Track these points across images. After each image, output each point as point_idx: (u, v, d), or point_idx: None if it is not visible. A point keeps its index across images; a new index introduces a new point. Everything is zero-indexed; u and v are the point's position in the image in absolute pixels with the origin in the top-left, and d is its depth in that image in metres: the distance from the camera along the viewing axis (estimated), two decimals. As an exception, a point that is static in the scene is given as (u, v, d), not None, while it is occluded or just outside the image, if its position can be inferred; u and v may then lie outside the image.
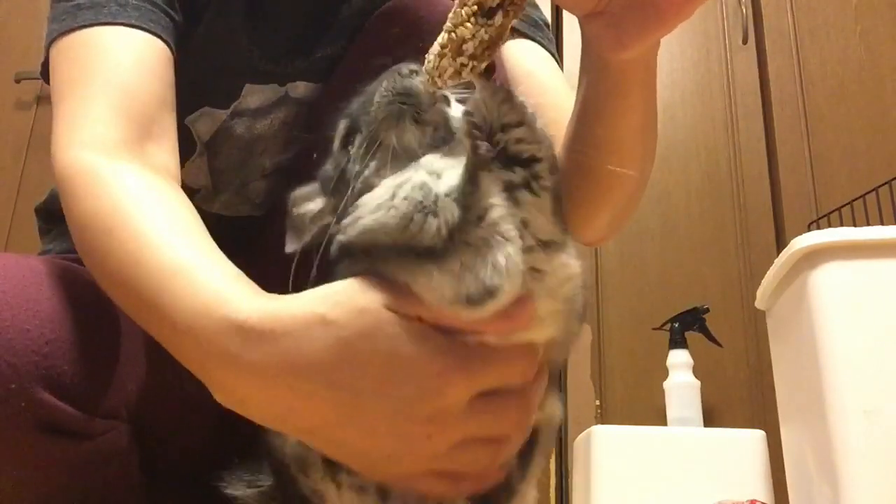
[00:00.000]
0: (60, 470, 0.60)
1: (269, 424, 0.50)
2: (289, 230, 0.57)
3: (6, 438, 0.56)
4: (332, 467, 0.53)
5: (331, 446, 0.50)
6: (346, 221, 0.51)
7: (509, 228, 0.48)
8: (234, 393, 0.48)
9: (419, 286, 0.47)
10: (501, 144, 0.50)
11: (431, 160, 0.51)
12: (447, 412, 0.47)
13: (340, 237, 0.51)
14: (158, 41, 0.68)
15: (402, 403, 0.46)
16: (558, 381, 0.58)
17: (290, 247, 0.57)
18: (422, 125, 0.52)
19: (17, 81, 2.08)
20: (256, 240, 0.82)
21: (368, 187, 0.51)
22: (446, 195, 0.48)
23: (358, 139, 0.54)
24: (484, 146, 0.49)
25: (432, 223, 0.47)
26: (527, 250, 0.48)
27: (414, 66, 0.53)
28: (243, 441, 0.60)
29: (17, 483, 0.59)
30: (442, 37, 0.49)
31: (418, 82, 0.52)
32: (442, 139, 0.52)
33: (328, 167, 0.57)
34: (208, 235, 0.56)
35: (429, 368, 0.46)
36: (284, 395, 0.47)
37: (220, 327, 0.47)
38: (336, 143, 0.56)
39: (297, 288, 0.50)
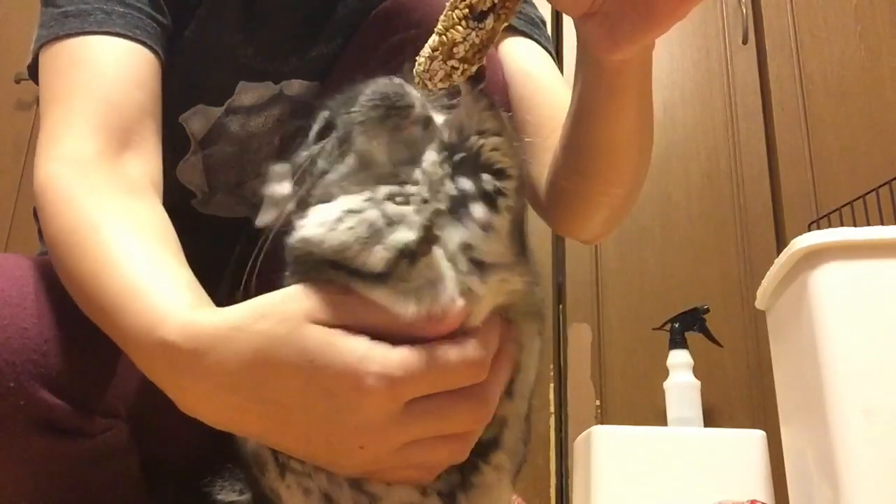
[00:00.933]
0: (59, 468, 0.60)
1: (223, 429, 0.51)
2: (264, 204, 0.57)
3: (5, 436, 0.56)
4: (281, 468, 0.53)
5: (280, 448, 0.50)
6: (296, 224, 0.50)
7: (445, 265, 0.47)
8: (184, 405, 0.49)
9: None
10: (475, 149, 0.50)
11: (388, 202, 0.48)
12: (374, 423, 0.45)
13: (290, 239, 0.50)
14: (143, 49, 0.69)
15: (326, 416, 0.45)
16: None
17: (261, 220, 0.56)
18: (397, 141, 0.50)
19: (17, 82, 2.08)
20: (255, 241, 0.82)
21: (327, 196, 0.50)
22: (388, 245, 0.46)
23: (332, 137, 0.53)
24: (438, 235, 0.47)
25: (367, 256, 0.46)
26: (461, 273, 0.47)
27: (399, 80, 0.52)
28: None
29: (15, 481, 0.59)
30: (433, 39, 0.49)
31: (404, 91, 0.51)
32: (410, 158, 0.50)
33: (302, 153, 0.56)
34: (169, 246, 0.56)
35: (344, 382, 0.44)
36: (221, 409, 0.47)
37: (155, 350, 0.48)
38: (312, 133, 0.55)
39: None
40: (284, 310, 0.46)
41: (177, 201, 0.63)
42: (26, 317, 0.57)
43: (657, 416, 1.55)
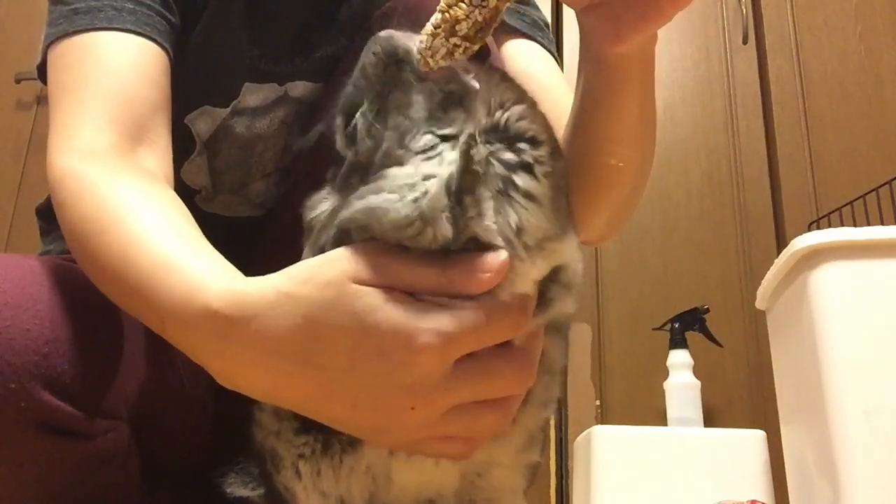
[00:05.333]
0: (60, 470, 0.60)
1: (263, 400, 0.51)
2: (305, 240, 0.56)
3: (6, 438, 0.56)
4: (297, 470, 0.53)
5: (322, 418, 0.49)
6: (354, 196, 0.48)
7: (490, 217, 0.46)
8: (226, 376, 0.49)
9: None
10: (502, 122, 0.49)
11: (448, 151, 0.47)
12: (426, 383, 0.45)
13: (343, 212, 0.49)
14: (154, 45, 0.69)
15: (376, 378, 0.45)
16: (566, 331, 0.55)
17: (307, 255, 0.56)
18: (424, 80, 0.49)
19: (17, 82, 2.08)
20: (256, 240, 0.82)
21: (395, 160, 0.48)
22: (443, 210, 0.46)
23: (360, 117, 0.51)
24: (479, 161, 0.47)
25: (429, 233, 0.45)
26: (516, 258, 0.46)
27: (390, 31, 0.52)
28: (242, 440, 0.60)
29: (17, 483, 0.59)
30: (435, 17, 0.48)
31: (403, 40, 0.50)
32: (453, 97, 0.49)
33: (336, 167, 0.55)
34: (194, 228, 0.56)
35: (395, 341, 0.44)
36: (266, 376, 0.47)
37: (197, 319, 0.47)
38: (339, 140, 0.54)
39: None
40: (328, 273, 0.45)
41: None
42: (28, 318, 0.57)
43: (657, 416, 1.55)
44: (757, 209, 1.76)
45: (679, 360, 1.53)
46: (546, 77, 0.81)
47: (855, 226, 1.28)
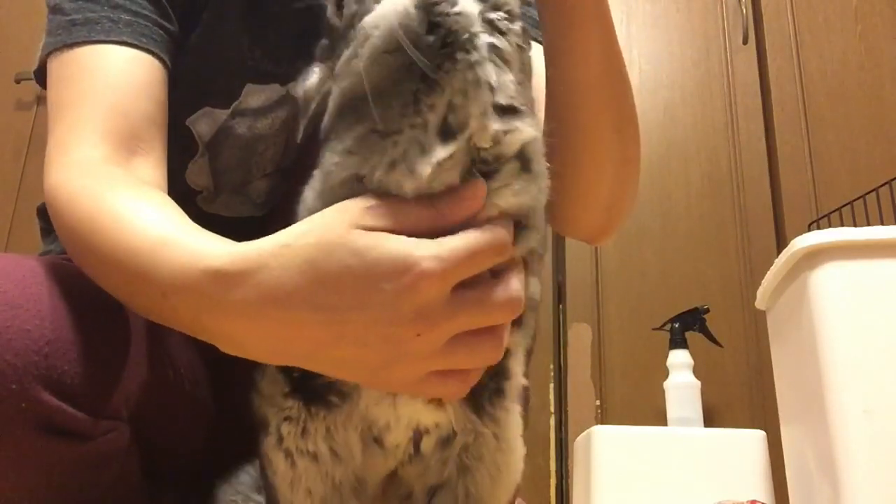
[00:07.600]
0: (61, 470, 0.60)
1: (272, 361, 0.53)
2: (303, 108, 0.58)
3: (6, 439, 0.56)
4: (280, 435, 0.55)
5: (332, 367, 0.51)
6: (358, 39, 0.50)
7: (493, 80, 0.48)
8: (231, 338, 0.50)
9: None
10: None
11: None
12: (430, 308, 0.47)
13: (350, 66, 0.49)
14: (150, 57, 0.70)
15: (383, 309, 0.47)
16: (538, 264, 0.58)
17: (300, 136, 0.57)
18: None
19: (17, 82, 2.08)
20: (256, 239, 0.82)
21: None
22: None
23: None
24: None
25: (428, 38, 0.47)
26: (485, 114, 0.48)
27: None
28: (242, 440, 0.60)
29: (16, 483, 0.59)
30: None
31: None
32: None
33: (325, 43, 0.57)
34: (189, 222, 0.57)
35: (399, 268, 0.47)
36: (274, 329, 0.48)
37: (200, 280, 0.49)
38: (329, 8, 0.55)
39: None
40: (327, 222, 0.48)
41: (182, 201, 0.63)
42: (29, 318, 0.57)
43: (657, 416, 1.55)
44: (757, 209, 1.76)
45: (679, 360, 1.53)
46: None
47: (855, 226, 1.28)
